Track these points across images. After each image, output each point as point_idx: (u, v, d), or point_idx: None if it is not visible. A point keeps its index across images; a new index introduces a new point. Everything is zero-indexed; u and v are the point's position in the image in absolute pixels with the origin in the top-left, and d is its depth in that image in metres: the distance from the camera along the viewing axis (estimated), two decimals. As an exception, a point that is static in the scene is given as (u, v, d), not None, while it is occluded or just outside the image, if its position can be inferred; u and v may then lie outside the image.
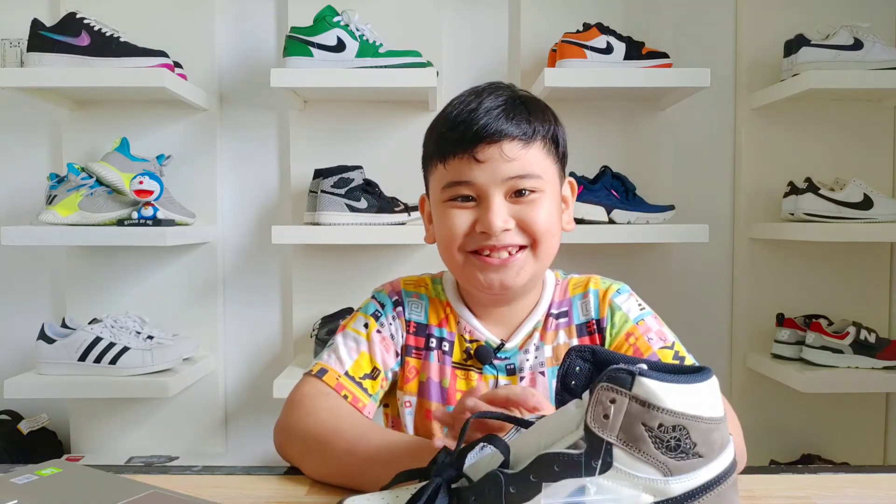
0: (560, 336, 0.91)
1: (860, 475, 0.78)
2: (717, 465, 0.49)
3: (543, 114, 0.87)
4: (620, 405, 0.48)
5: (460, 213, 0.85)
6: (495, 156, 0.82)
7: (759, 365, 1.84)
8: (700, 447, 0.48)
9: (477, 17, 1.93)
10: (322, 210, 1.67)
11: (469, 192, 0.84)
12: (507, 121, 0.82)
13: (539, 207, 0.84)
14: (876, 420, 1.93)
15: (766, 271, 1.92)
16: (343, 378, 0.88)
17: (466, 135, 0.82)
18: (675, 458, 0.48)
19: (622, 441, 0.48)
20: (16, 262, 1.92)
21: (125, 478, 0.70)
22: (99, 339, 1.65)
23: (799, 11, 1.88)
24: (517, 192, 0.84)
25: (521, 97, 0.87)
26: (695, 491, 0.48)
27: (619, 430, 0.48)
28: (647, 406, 0.47)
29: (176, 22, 1.85)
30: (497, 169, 0.82)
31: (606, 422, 0.48)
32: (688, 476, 0.48)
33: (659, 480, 0.48)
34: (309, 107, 1.86)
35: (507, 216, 0.83)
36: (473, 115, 0.83)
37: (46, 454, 1.81)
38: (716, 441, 0.49)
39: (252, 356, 1.96)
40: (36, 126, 1.91)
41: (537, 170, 0.84)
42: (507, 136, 0.82)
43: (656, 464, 0.48)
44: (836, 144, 1.90)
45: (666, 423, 0.47)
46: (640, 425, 0.48)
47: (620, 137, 1.88)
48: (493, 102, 0.84)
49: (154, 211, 1.64)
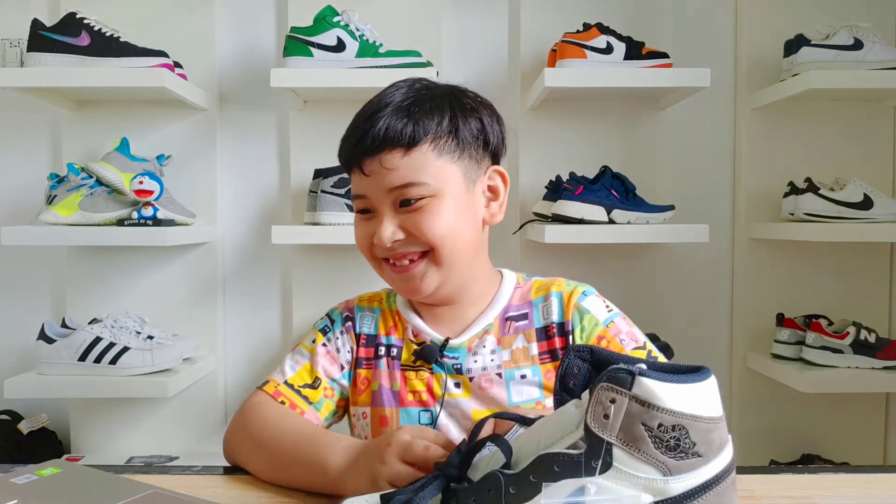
0: (518, 340, 0.90)
1: (860, 475, 0.78)
2: (717, 464, 0.49)
3: (436, 110, 0.83)
4: (620, 405, 0.48)
5: (363, 224, 0.87)
6: (377, 168, 0.82)
7: (759, 365, 1.84)
8: (699, 447, 0.48)
9: (477, 17, 1.93)
10: (322, 210, 1.67)
11: (365, 204, 0.86)
12: (387, 129, 0.81)
13: (429, 214, 0.82)
14: (876, 420, 1.92)
15: (766, 271, 1.92)
16: (281, 386, 0.90)
17: (355, 148, 0.84)
18: (674, 457, 0.48)
19: (622, 441, 0.48)
20: (16, 262, 1.92)
21: (125, 478, 0.70)
22: (99, 339, 1.65)
23: (799, 11, 1.88)
24: (403, 201, 0.82)
25: (415, 96, 0.84)
26: (694, 490, 0.49)
27: (619, 430, 0.48)
28: (647, 406, 0.48)
29: (176, 22, 1.85)
30: (380, 181, 0.82)
31: (606, 422, 0.48)
32: (687, 475, 0.48)
33: (659, 480, 0.48)
34: (309, 107, 1.86)
35: (396, 227, 0.83)
36: (362, 126, 0.83)
37: (46, 454, 1.81)
38: (715, 441, 0.49)
39: (252, 356, 1.96)
40: (36, 126, 1.91)
41: (422, 176, 0.82)
42: (386, 146, 0.81)
43: (656, 463, 0.48)
44: (836, 144, 1.90)
45: (666, 423, 0.48)
46: (639, 425, 0.48)
47: (620, 137, 1.88)
48: (380, 108, 0.83)
49: (154, 211, 1.64)
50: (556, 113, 1.85)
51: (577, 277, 0.97)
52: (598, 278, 1.90)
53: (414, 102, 0.83)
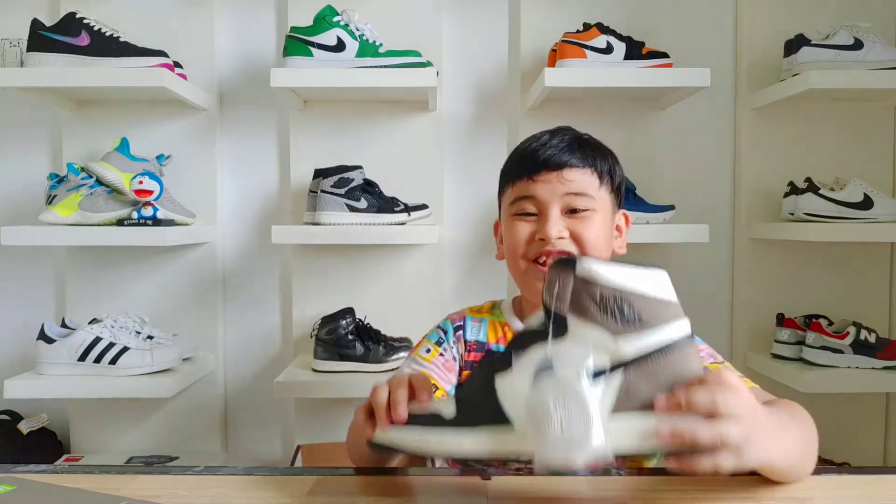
0: None
1: (861, 476, 0.79)
2: (665, 334, 0.60)
3: (602, 153, 1.02)
4: (566, 282, 0.61)
5: (523, 225, 0.99)
6: (555, 178, 0.97)
7: (759, 365, 1.84)
8: (645, 317, 0.60)
9: (477, 17, 1.93)
10: (322, 210, 1.67)
11: (531, 206, 0.99)
12: (570, 153, 0.98)
13: (589, 222, 0.97)
14: (876, 420, 1.93)
15: (766, 271, 1.92)
16: None
17: (535, 162, 0.98)
18: (621, 323, 0.59)
19: (573, 311, 0.61)
20: (16, 262, 1.92)
21: (87, 491, 0.65)
22: (99, 339, 1.65)
23: (799, 11, 1.88)
24: (571, 209, 0.97)
25: (586, 138, 1.03)
26: (645, 355, 0.59)
27: (569, 302, 0.61)
28: (588, 282, 0.60)
29: (176, 22, 1.85)
30: (555, 188, 0.97)
31: (558, 297, 0.62)
32: (635, 339, 0.59)
33: (609, 340, 0.59)
34: (309, 107, 1.86)
35: (562, 227, 0.96)
36: (541, 148, 0.99)
37: (46, 454, 1.81)
38: (662, 315, 0.60)
39: (252, 356, 1.96)
40: (36, 126, 1.91)
41: (591, 192, 0.98)
42: (567, 165, 0.97)
43: (604, 327, 0.60)
44: (836, 144, 1.90)
45: (606, 294, 0.60)
46: (586, 296, 0.60)
47: (620, 137, 1.88)
48: (559, 139, 0.99)
49: (154, 211, 1.64)
50: (556, 113, 1.84)
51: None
52: (598, 278, 1.92)
53: (588, 142, 1.02)
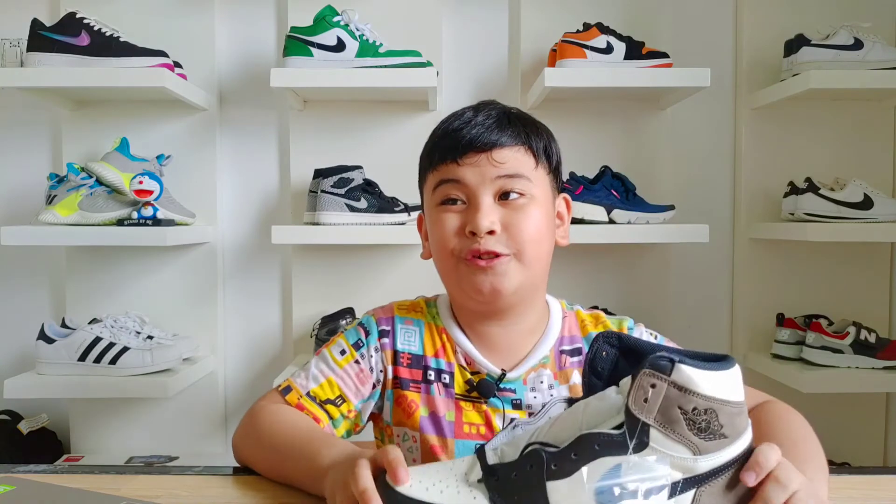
0: (574, 375, 0.88)
1: (861, 476, 0.78)
2: (739, 445, 0.54)
3: (536, 128, 0.89)
4: (660, 390, 0.52)
5: (450, 216, 0.85)
6: (484, 161, 0.84)
7: (759, 365, 1.84)
8: (726, 429, 0.53)
9: (477, 17, 1.93)
10: (322, 210, 1.66)
11: (458, 192, 0.85)
12: (500, 131, 0.84)
13: (524, 214, 0.84)
14: (876, 420, 1.92)
15: (766, 271, 1.92)
16: (304, 399, 0.87)
17: (458, 143, 0.84)
18: (704, 438, 0.53)
19: (659, 423, 0.53)
20: (16, 262, 1.92)
21: (87, 491, 0.65)
22: (99, 339, 1.65)
23: (799, 11, 1.88)
24: (505, 193, 0.84)
25: (514, 112, 0.89)
26: (717, 469, 0.54)
27: (656, 413, 0.52)
28: (683, 391, 0.52)
29: (176, 22, 1.85)
30: (485, 171, 0.83)
31: (645, 405, 0.53)
32: (713, 455, 0.53)
33: (689, 459, 0.53)
34: (309, 107, 1.86)
35: (495, 218, 0.83)
36: (465, 126, 0.85)
37: (46, 454, 1.81)
38: (739, 424, 0.54)
39: (252, 356, 1.96)
40: (36, 126, 1.91)
41: (526, 173, 0.84)
42: (497, 145, 0.84)
43: (688, 443, 0.53)
44: (836, 144, 1.90)
45: (699, 407, 0.52)
46: (676, 408, 0.52)
47: (620, 137, 1.88)
48: (485, 116, 0.86)
49: (154, 211, 1.63)
50: (556, 113, 1.84)
51: (578, 277, 0.97)
52: (598, 278, 1.92)
53: (519, 116, 0.88)
